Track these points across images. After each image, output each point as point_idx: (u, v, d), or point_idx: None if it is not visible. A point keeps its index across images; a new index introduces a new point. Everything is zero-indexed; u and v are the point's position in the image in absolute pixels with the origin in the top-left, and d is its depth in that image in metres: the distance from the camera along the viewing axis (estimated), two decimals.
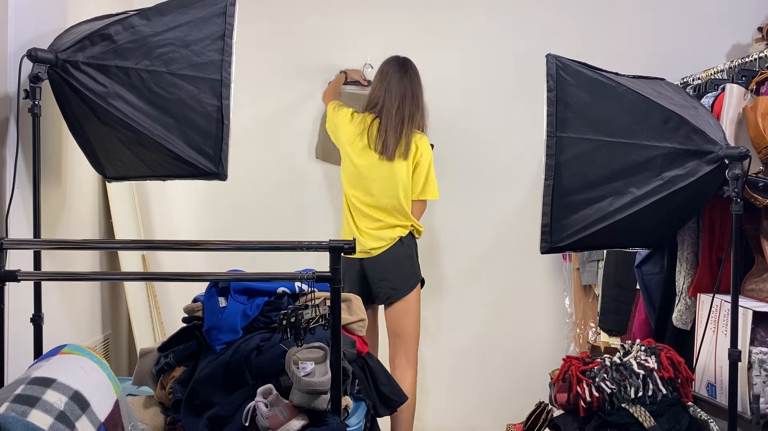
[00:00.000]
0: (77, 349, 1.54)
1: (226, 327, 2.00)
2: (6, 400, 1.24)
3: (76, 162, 2.52)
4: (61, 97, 2.19)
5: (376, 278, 2.89)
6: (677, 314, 2.38)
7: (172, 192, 3.38)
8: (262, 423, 1.77)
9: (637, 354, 2.02)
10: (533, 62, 2.49)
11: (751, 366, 2.03)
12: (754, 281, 2.25)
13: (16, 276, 1.73)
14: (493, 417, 3.29)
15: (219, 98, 2.23)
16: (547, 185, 2.09)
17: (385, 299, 2.90)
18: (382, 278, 2.88)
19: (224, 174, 2.28)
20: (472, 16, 3.44)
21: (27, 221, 2.15)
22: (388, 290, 2.88)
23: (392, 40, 3.38)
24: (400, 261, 2.89)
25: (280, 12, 3.43)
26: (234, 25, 2.24)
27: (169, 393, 2.03)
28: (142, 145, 2.21)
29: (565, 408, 2.02)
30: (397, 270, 2.88)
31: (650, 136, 2.06)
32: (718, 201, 2.21)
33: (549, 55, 2.10)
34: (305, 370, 1.82)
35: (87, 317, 2.68)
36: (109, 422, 1.41)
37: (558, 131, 2.08)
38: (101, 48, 2.12)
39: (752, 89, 2.41)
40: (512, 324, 3.48)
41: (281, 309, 1.96)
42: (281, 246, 2.05)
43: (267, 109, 3.44)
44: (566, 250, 2.61)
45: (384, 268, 2.88)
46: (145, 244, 2.91)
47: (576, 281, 3.29)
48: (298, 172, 3.47)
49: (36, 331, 2.07)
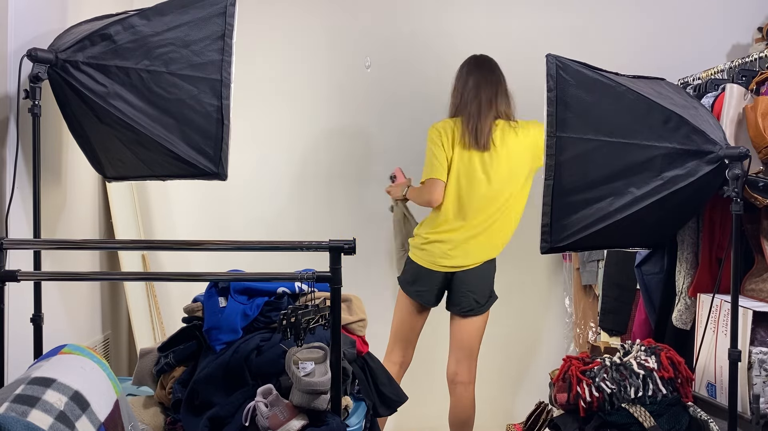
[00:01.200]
0: (77, 349, 1.54)
1: (226, 327, 2.00)
2: (6, 400, 1.24)
3: (76, 162, 2.52)
4: (61, 97, 2.19)
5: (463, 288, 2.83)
6: (677, 314, 2.38)
7: (172, 192, 3.38)
8: (262, 423, 1.77)
9: (637, 354, 2.02)
10: (533, 62, 2.49)
11: (751, 366, 2.03)
12: (754, 281, 2.24)
13: (16, 276, 1.73)
14: (493, 417, 3.29)
15: (219, 98, 2.23)
16: (547, 185, 2.09)
17: (468, 310, 2.85)
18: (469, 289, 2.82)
19: (224, 174, 2.28)
20: (472, 16, 3.44)
21: (27, 221, 2.15)
22: (472, 302, 2.83)
23: (393, 41, 3.38)
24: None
25: (280, 12, 3.43)
26: (234, 25, 2.25)
27: (169, 393, 2.03)
28: (142, 145, 2.22)
29: (565, 408, 2.02)
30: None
31: (650, 136, 2.05)
32: (718, 201, 2.21)
33: (549, 55, 2.10)
34: (305, 370, 1.82)
35: (87, 317, 2.68)
36: (109, 422, 1.41)
37: (558, 131, 2.07)
38: (101, 48, 2.12)
39: (752, 89, 2.40)
40: (512, 324, 3.48)
41: (281, 309, 1.96)
42: (281, 246, 2.05)
43: (267, 108, 3.44)
44: (566, 250, 2.61)
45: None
46: (145, 244, 2.91)
47: (576, 281, 3.29)
48: (299, 171, 3.47)
49: (36, 331, 2.07)
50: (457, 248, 2.78)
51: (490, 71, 2.84)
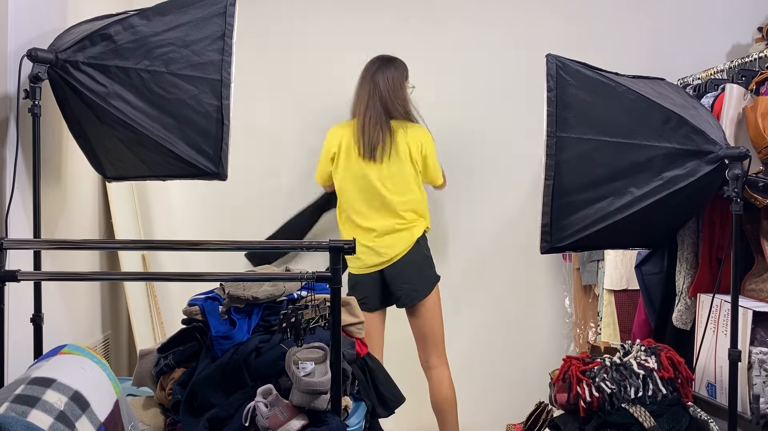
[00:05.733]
0: (77, 349, 1.55)
1: (237, 340, 2.01)
2: (6, 400, 1.24)
3: (76, 162, 2.52)
4: (61, 97, 2.19)
5: (397, 281, 2.87)
6: (677, 314, 2.38)
7: (172, 192, 3.38)
8: (261, 424, 1.77)
9: (637, 354, 2.02)
10: (534, 62, 2.49)
11: (751, 366, 2.03)
12: (754, 281, 2.24)
13: (16, 276, 1.73)
14: (493, 417, 3.29)
15: (219, 98, 2.23)
16: (547, 185, 2.09)
17: (409, 301, 2.88)
18: (403, 281, 2.87)
19: (224, 174, 2.28)
20: (471, 18, 3.44)
21: (27, 221, 2.15)
22: (410, 292, 2.87)
23: (395, 42, 3.38)
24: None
25: (280, 12, 3.43)
26: (234, 25, 2.24)
27: (168, 394, 2.03)
28: (142, 145, 2.21)
29: (565, 408, 2.02)
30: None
31: (650, 136, 2.06)
32: (718, 201, 2.21)
33: (549, 55, 2.10)
34: (305, 370, 1.82)
35: (87, 317, 2.68)
36: (109, 422, 1.41)
37: (558, 131, 2.08)
38: (101, 48, 2.12)
39: (752, 89, 2.40)
40: (512, 324, 3.48)
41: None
42: (281, 246, 2.06)
43: (267, 108, 3.44)
44: (566, 250, 2.61)
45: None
46: (145, 244, 2.91)
47: (576, 281, 3.29)
48: (299, 171, 3.47)
49: (36, 331, 2.07)
50: (374, 246, 2.84)
51: (385, 69, 2.92)
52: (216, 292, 2.12)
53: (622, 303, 2.99)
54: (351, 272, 2.91)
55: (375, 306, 2.91)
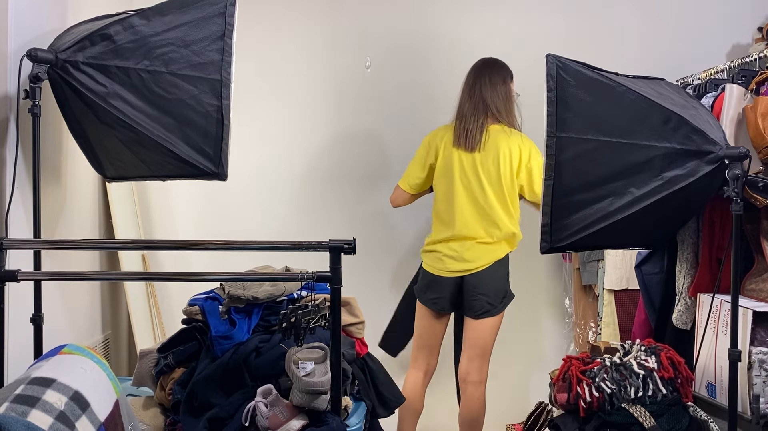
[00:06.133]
0: (77, 349, 1.55)
1: (237, 340, 2.01)
2: (6, 400, 1.24)
3: (76, 162, 2.52)
4: (61, 97, 2.19)
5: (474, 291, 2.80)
6: (677, 314, 2.38)
7: (172, 192, 3.38)
8: (261, 423, 1.77)
9: (637, 354, 2.02)
10: (534, 62, 2.49)
11: (751, 366, 2.03)
12: (754, 281, 2.24)
13: (16, 276, 1.73)
14: (493, 417, 3.29)
15: (219, 98, 2.23)
16: (547, 185, 2.09)
17: (482, 312, 2.81)
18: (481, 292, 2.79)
19: (224, 174, 2.28)
20: (471, 18, 3.43)
21: (27, 221, 2.15)
22: (485, 304, 2.80)
23: (393, 41, 3.38)
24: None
25: (280, 11, 3.43)
26: (234, 25, 2.24)
27: (168, 394, 2.03)
28: (142, 145, 2.22)
29: (565, 408, 2.02)
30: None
31: (650, 136, 2.05)
32: (718, 201, 2.21)
33: (549, 55, 2.10)
34: (305, 370, 1.82)
35: (87, 317, 2.68)
36: (109, 422, 1.41)
37: (558, 131, 2.07)
38: (101, 48, 2.12)
39: (752, 89, 2.40)
40: (512, 324, 3.47)
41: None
42: (281, 246, 2.05)
43: (266, 108, 3.44)
44: (566, 250, 2.61)
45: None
46: (145, 244, 2.91)
47: (576, 281, 3.29)
48: (299, 171, 3.47)
49: (36, 331, 2.07)
50: (460, 252, 2.78)
51: (491, 73, 2.83)
52: (216, 292, 2.12)
53: (622, 303, 2.99)
54: (427, 270, 2.85)
55: (444, 308, 2.86)
